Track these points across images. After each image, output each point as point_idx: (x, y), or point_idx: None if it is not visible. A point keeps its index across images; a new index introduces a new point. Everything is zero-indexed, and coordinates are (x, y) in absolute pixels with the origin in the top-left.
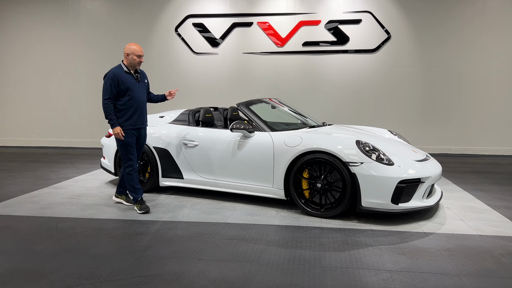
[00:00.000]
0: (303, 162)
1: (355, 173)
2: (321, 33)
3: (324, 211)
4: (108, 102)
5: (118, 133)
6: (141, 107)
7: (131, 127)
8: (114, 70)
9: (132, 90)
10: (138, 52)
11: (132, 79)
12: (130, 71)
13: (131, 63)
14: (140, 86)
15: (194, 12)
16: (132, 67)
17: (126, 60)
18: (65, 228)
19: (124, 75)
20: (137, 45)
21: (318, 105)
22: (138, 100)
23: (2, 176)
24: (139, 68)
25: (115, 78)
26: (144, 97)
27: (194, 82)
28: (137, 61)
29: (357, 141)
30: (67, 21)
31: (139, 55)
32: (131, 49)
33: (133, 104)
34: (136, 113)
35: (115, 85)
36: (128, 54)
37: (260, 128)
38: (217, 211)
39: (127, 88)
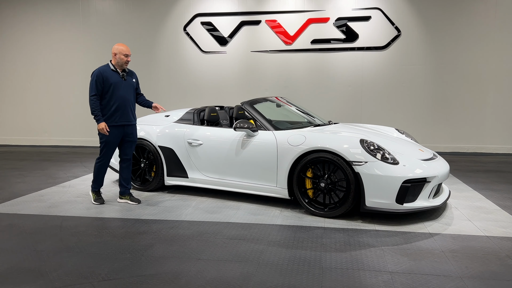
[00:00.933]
0: (306, 161)
1: (359, 172)
2: (330, 30)
3: (327, 210)
4: (94, 99)
5: (102, 128)
6: (125, 105)
7: (114, 123)
8: (100, 68)
9: (116, 88)
10: (125, 51)
11: (117, 78)
12: (116, 70)
13: (118, 62)
14: (126, 85)
15: (203, 11)
16: (120, 66)
17: (114, 60)
18: (69, 226)
19: (110, 73)
20: (124, 45)
21: (326, 103)
22: (122, 98)
23: (13, 175)
24: (128, 68)
25: (100, 75)
26: (130, 95)
27: (203, 81)
28: (124, 60)
29: (361, 140)
30: (78, 21)
31: (126, 55)
32: (119, 49)
33: (116, 101)
34: (119, 111)
35: (100, 82)
36: (115, 53)
37: (264, 127)
38: (221, 210)
39: (111, 85)
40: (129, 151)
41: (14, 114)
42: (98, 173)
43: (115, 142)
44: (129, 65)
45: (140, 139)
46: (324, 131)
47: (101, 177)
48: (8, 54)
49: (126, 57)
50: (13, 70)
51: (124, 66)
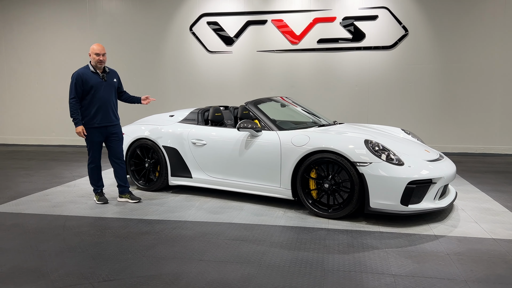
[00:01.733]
0: (310, 162)
1: (363, 173)
2: (337, 30)
3: (331, 212)
4: (73, 102)
5: (80, 132)
6: (106, 106)
7: (96, 125)
8: (80, 70)
9: (96, 90)
10: (96, 50)
11: (97, 79)
12: (96, 71)
13: (92, 62)
14: (106, 86)
15: (209, 10)
16: (98, 67)
17: (91, 61)
18: (72, 226)
19: (89, 74)
20: (97, 44)
21: (333, 103)
22: (103, 99)
23: (19, 174)
24: (109, 68)
25: (79, 77)
26: (110, 96)
27: (208, 80)
28: (96, 59)
29: (366, 140)
30: (85, 22)
31: (97, 53)
32: (91, 48)
33: (97, 102)
34: (100, 112)
35: (79, 84)
36: (90, 54)
37: (268, 127)
38: (224, 210)
39: (91, 87)
40: (118, 150)
41: (22, 114)
42: (92, 175)
43: (99, 141)
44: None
45: (144, 139)
46: (328, 132)
47: (96, 178)
48: (16, 54)
49: (97, 56)
50: (21, 70)
51: (99, 66)
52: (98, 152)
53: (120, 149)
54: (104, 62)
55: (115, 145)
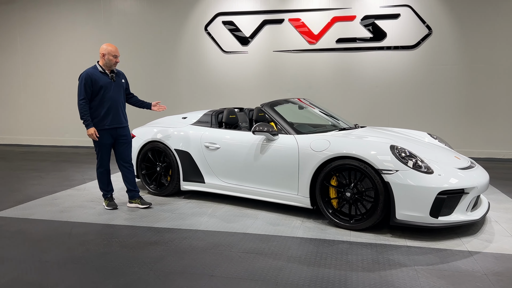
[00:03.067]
0: (330, 169)
1: (389, 182)
2: (357, 29)
3: (353, 223)
4: (83, 103)
5: (92, 133)
6: (116, 107)
7: (107, 127)
8: (88, 71)
9: (106, 90)
10: (114, 52)
11: (106, 79)
12: (105, 71)
13: (107, 63)
14: (115, 86)
15: (224, 9)
16: (108, 67)
17: (101, 61)
18: (78, 234)
19: (98, 75)
20: (112, 46)
21: (352, 105)
22: (112, 99)
23: (31, 176)
24: (116, 68)
25: (88, 78)
26: (120, 97)
27: (223, 81)
28: (114, 61)
29: (391, 146)
30: (99, 21)
31: (115, 55)
32: (107, 49)
33: (107, 104)
34: (110, 113)
35: (88, 85)
36: (104, 54)
37: (285, 130)
38: (238, 219)
39: (101, 87)
40: (127, 153)
41: (36, 114)
42: (101, 179)
43: (108, 144)
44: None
45: (156, 142)
46: (350, 136)
47: (106, 182)
48: (31, 55)
49: (115, 58)
50: (36, 71)
51: (113, 67)
52: (107, 155)
53: (129, 152)
54: (117, 64)
55: (123, 148)
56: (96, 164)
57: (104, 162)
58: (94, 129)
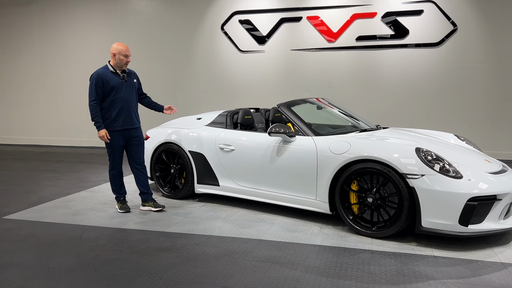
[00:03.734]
0: (351, 172)
1: (414, 187)
2: (377, 26)
3: (376, 230)
4: (94, 104)
5: (103, 136)
6: (128, 108)
7: (118, 128)
8: (99, 71)
9: (118, 90)
10: (125, 52)
11: (118, 79)
12: (116, 71)
13: (118, 63)
14: (127, 86)
15: (241, 8)
16: (119, 67)
17: (112, 60)
18: (88, 238)
19: (109, 75)
20: (123, 45)
21: (373, 105)
22: (124, 100)
23: (46, 178)
24: (128, 68)
25: (99, 78)
26: (132, 97)
27: (240, 81)
28: (125, 61)
29: (417, 148)
30: (116, 21)
31: (126, 55)
32: (118, 49)
33: (119, 104)
34: (122, 114)
35: (99, 86)
36: (114, 54)
37: (302, 131)
38: (253, 224)
39: (112, 88)
40: (139, 155)
41: (54, 115)
42: (114, 182)
43: (120, 145)
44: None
45: (170, 143)
46: (372, 137)
47: (118, 185)
48: (49, 55)
49: (126, 57)
50: (53, 71)
51: (124, 67)
52: (120, 157)
53: (141, 153)
54: (128, 63)
55: (136, 149)
56: (109, 166)
57: (116, 164)
58: (105, 131)
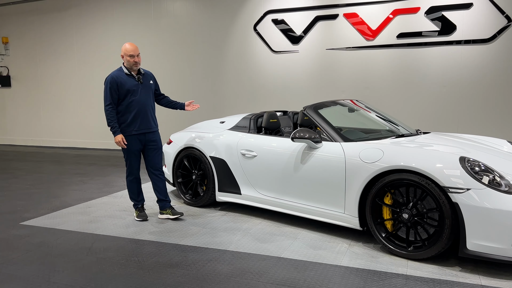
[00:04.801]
0: (384, 184)
1: (458, 202)
2: (421, 22)
3: (412, 250)
4: (110, 109)
5: (119, 141)
6: (145, 111)
7: (135, 132)
8: (113, 74)
9: (133, 93)
10: (130, 51)
11: (133, 81)
12: (131, 73)
13: (127, 64)
14: (143, 88)
15: (274, 7)
16: (132, 69)
17: (125, 63)
18: (98, 249)
19: (124, 77)
20: (130, 44)
21: (415, 108)
22: (141, 103)
23: (74, 181)
24: (143, 69)
25: (114, 81)
26: (149, 99)
27: (273, 82)
28: (132, 61)
29: (461, 157)
30: (149, 24)
31: (131, 55)
32: (123, 49)
33: (135, 107)
34: (139, 117)
35: (114, 89)
36: (122, 56)
37: (330, 137)
38: (274, 238)
39: (127, 91)
40: (156, 160)
41: (91, 118)
42: (131, 189)
43: (137, 150)
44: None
45: (191, 148)
46: (409, 144)
47: (135, 191)
48: (86, 60)
49: (131, 58)
50: (90, 75)
51: (134, 68)
52: (137, 163)
53: (159, 159)
54: (139, 63)
55: (153, 154)
56: (126, 172)
57: (133, 170)
58: (121, 136)
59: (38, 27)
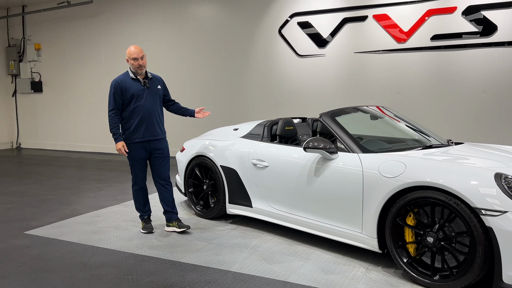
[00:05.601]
0: (406, 202)
1: (492, 227)
2: (458, 22)
3: (438, 280)
4: (112, 114)
5: (120, 149)
6: (150, 117)
7: (138, 140)
8: (118, 78)
9: (138, 98)
10: (133, 54)
11: (138, 86)
12: (137, 77)
13: (132, 68)
14: (149, 94)
15: (300, 9)
16: (139, 73)
17: (130, 66)
18: (93, 265)
19: (129, 82)
20: (133, 47)
21: (451, 115)
22: (146, 109)
23: (90, 188)
24: (152, 73)
25: (118, 86)
26: (155, 105)
27: (298, 88)
28: (136, 64)
29: (497, 174)
30: (174, 29)
31: (134, 58)
32: (127, 53)
33: (140, 113)
34: (143, 124)
35: (118, 94)
36: (127, 60)
37: (346, 147)
38: (284, 258)
39: (132, 96)
40: (163, 169)
41: None
42: (136, 198)
43: (142, 158)
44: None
45: (202, 156)
46: (437, 157)
47: (141, 202)
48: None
49: (135, 61)
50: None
51: (140, 72)
52: (142, 172)
53: (166, 168)
54: (144, 66)
55: (159, 163)
56: (131, 180)
57: (138, 179)
58: (122, 144)
59: (68, 34)
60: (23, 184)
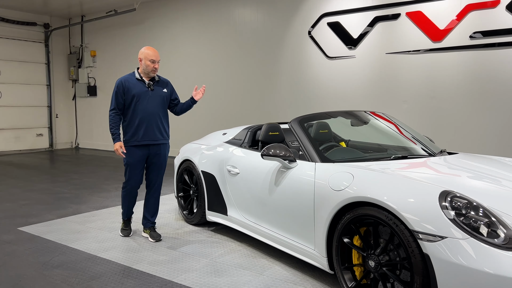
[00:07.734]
0: (351, 219)
1: (429, 255)
2: (501, 18)
3: None
4: (113, 114)
5: (117, 149)
6: (149, 120)
7: (136, 143)
8: (123, 77)
9: (139, 100)
10: (151, 56)
11: (142, 87)
12: (142, 78)
13: (144, 69)
14: (153, 96)
15: (330, 9)
16: (146, 74)
17: (140, 67)
18: (51, 265)
19: (133, 82)
20: (151, 49)
21: (492, 121)
22: (146, 111)
23: (108, 189)
24: (160, 76)
25: (121, 85)
26: (157, 108)
27: (327, 90)
28: (151, 67)
29: (443, 192)
30: (211, 32)
31: (152, 60)
32: (144, 53)
33: (139, 115)
34: (142, 127)
35: (120, 93)
36: (141, 59)
37: (307, 155)
38: (236, 272)
39: (133, 96)
40: (154, 177)
41: None
42: (124, 201)
43: (139, 163)
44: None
45: (189, 161)
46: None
47: (127, 205)
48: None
49: (152, 63)
50: None
51: (151, 74)
52: (136, 175)
53: (158, 175)
54: (157, 70)
55: (152, 168)
56: (123, 182)
57: (130, 182)
58: (120, 144)
59: (118, 40)
60: (55, 181)
